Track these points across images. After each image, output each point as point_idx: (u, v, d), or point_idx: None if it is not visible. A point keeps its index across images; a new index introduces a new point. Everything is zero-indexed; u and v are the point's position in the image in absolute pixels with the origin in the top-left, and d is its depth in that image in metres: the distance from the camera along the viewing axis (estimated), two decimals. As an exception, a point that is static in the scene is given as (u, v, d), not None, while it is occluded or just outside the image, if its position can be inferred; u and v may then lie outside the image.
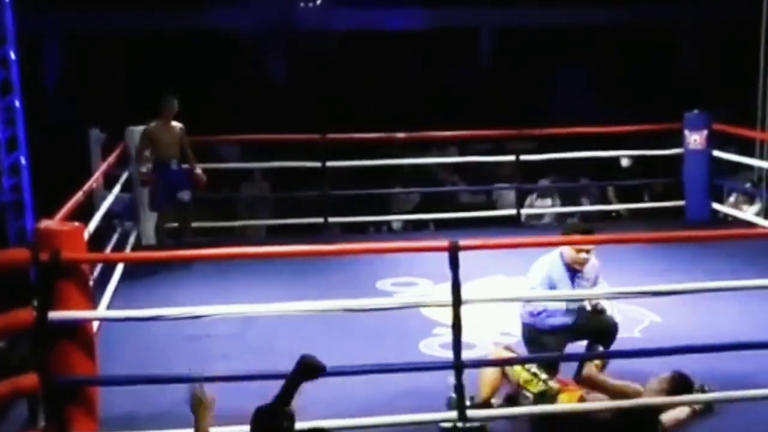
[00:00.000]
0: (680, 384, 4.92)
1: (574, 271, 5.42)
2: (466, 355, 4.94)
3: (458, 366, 4.80)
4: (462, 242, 4.76)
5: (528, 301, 5.42)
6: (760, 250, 7.64)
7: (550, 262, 5.44)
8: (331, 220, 9.44)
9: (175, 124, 8.33)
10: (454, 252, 4.70)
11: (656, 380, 4.94)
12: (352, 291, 7.26)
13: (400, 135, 9.97)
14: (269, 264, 7.57)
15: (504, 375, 5.02)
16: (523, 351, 5.35)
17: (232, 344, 6.09)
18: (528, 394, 4.93)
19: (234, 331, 6.12)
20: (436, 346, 6.08)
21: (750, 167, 10.12)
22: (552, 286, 5.35)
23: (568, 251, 5.40)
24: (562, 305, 5.32)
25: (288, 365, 5.24)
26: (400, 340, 6.14)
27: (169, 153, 8.25)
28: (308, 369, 3.51)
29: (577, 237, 5.49)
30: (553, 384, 4.93)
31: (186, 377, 5.03)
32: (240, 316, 5.42)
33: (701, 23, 16.93)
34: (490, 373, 5.02)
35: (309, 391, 5.13)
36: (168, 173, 8.22)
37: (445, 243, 4.77)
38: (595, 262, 5.52)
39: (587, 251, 5.40)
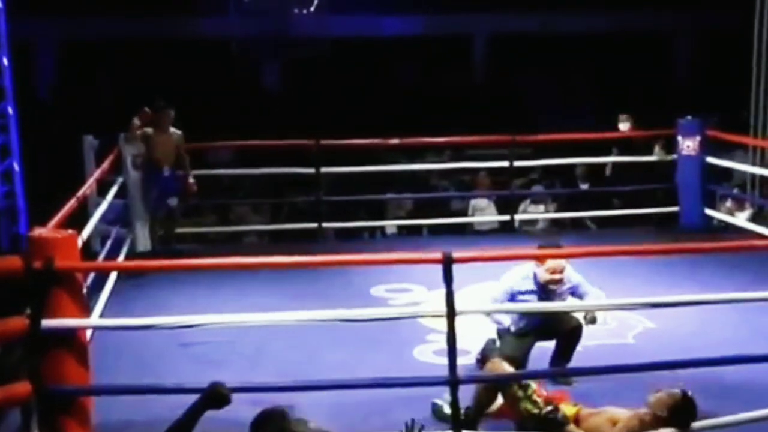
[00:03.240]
0: (687, 406, 4.58)
1: (546, 292, 5.47)
2: (461, 361, 4.91)
3: (454, 382, 4.75)
4: (455, 254, 4.72)
5: (515, 312, 5.50)
6: (754, 257, 7.64)
7: (521, 276, 5.51)
8: (325, 225, 9.44)
9: (174, 131, 8.38)
10: (447, 264, 4.66)
11: (666, 394, 4.58)
12: (346, 298, 7.25)
13: (394, 141, 9.98)
14: (263, 271, 7.56)
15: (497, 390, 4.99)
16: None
17: (226, 352, 6.07)
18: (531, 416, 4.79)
19: (228, 339, 6.09)
20: (430, 353, 6.07)
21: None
22: (513, 301, 5.48)
23: (542, 273, 5.44)
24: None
25: (281, 373, 5.27)
26: (394, 347, 6.13)
27: (163, 160, 8.30)
28: (215, 397, 3.50)
29: (554, 251, 5.45)
30: (550, 407, 4.78)
31: (179, 388, 5.03)
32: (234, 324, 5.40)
33: (694, 31, 16.98)
34: (484, 390, 4.97)
35: (302, 396, 5.16)
36: (159, 179, 8.29)
37: (438, 255, 4.73)
38: (568, 273, 5.53)
39: (561, 271, 5.43)
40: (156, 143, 8.28)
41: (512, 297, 5.51)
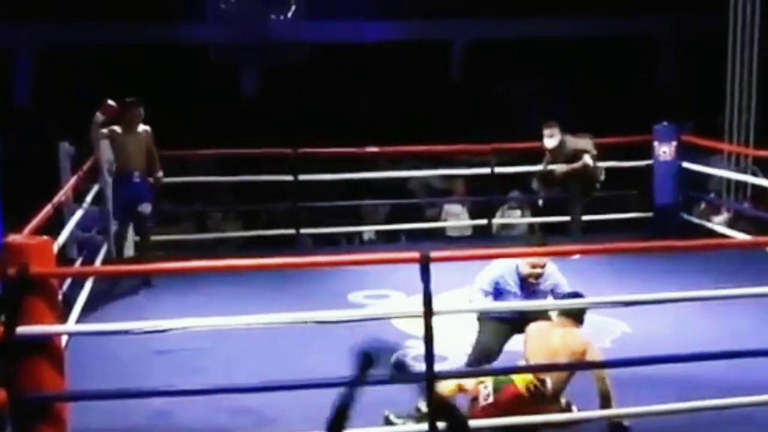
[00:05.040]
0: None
1: (527, 286, 5.51)
2: (438, 367, 4.93)
3: (430, 379, 4.78)
4: (433, 254, 4.76)
5: (492, 311, 5.51)
6: (731, 260, 7.70)
7: (504, 268, 5.53)
8: (303, 231, 9.44)
9: (142, 128, 7.94)
10: (425, 263, 4.70)
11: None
12: (324, 304, 7.23)
13: (373, 149, 9.98)
14: (241, 277, 7.53)
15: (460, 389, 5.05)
16: None
17: (204, 358, 6.06)
18: (486, 388, 4.95)
19: (205, 345, 6.09)
20: (409, 359, 6.07)
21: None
22: (498, 291, 5.49)
23: (523, 266, 5.48)
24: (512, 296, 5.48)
25: (259, 378, 5.25)
26: (372, 353, 6.12)
27: (132, 163, 7.89)
28: (368, 363, 3.45)
29: (538, 249, 5.53)
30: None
31: (152, 392, 5.01)
32: (211, 329, 5.39)
33: (676, 36, 17.08)
34: (445, 385, 5.02)
35: (279, 402, 5.15)
36: (129, 186, 7.93)
37: (416, 254, 4.77)
38: (551, 271, 5.57)
39: (542, 266, 5.47)
40: (124, 144, 7.84)
41: (497, 285, 5.51)
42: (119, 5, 15.30)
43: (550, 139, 8.88)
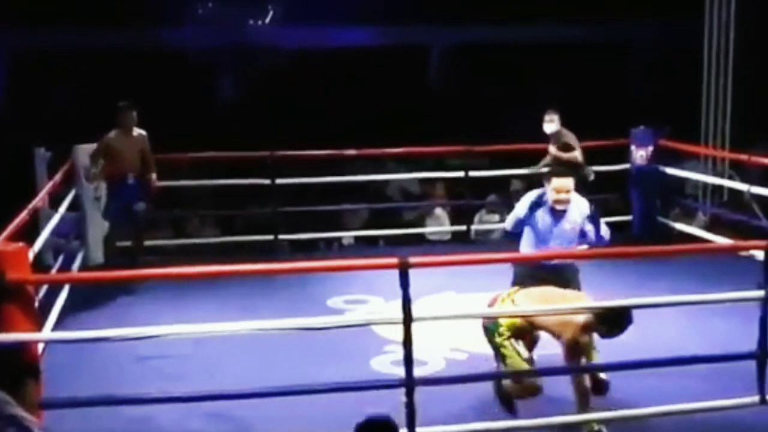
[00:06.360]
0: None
1: (555, 212, 5.61)
2: (418, 372, 4.93)
3: (409, 385, 4.78)
4: (412, 259, 4.76)
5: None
6: (712, 263, 7.73)
7: (536, 194, 5.65)
8: (281, 237, 9.42)
9: (137, 132, 8.03)
10: (404, 269, 4.69)
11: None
12: (303, 309, 7.23)
13: (351, 152, 9.98)
14: (220, 283, 7.51)
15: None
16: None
17: (185, 364, 6.02)
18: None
19: (186, 351, 6.05)
20: (388, 364, 6.07)
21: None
22: (533, 211, 5.58)
23: (549, 192, 5.60)
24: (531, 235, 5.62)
25: (240, 384, 5.23)
26: (351, 358, 6.12)
27: (127, 167, 7.97)
28: None
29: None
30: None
31: (129, 399, 4.98)
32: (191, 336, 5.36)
33: (653, 42, 17.17)
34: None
35: (258, 409, 5.13)
36: (123, 188, 8.00)
37: (394, 260, 4.76)
38: (582, 205, 5.66)
39: (567, 191, 5.57)
40: (120, 149, 7.92)
41: (531, 209, 5.59)
42: (96, 10, 15.21)
43: (549, 125, 9.01)
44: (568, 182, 5.61)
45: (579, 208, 5.69)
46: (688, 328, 6.59)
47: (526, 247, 5.71)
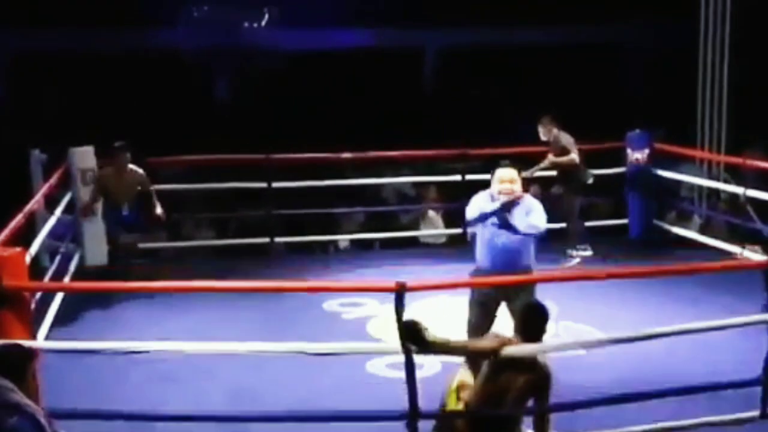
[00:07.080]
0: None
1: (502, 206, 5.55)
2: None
3: (413, 416, 4.67)
4: (409, 283, 4.68)
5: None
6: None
7: (482, 196, 5.64)
8: (277, 240, 9.41)
9: (133, 171, 8.16)
10: (400, 293, 4.59)
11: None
12: (299, 312, 7.25)
13: (346, 155, 9.97)
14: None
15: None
16: None
17: (181, 366, 6.01)
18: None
19: (180, 356, 6.03)
20: (383, 366, 6.07)
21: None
22: (482, 216, 5.55)
23: (494, 184, 5.59)
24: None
25: (235, 389, 5.23)
26: (347, 361, 6.09)
27: (121, 201, 8.14)
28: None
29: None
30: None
31: (128, 414, 4.97)
32: (185, 343, 5.36)
33: (649, 44, 17.18)
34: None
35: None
36: (117, 216, 8.13)
37: (392, 283, 4.66)
38: (529, 200, 5.62)
39: (510, 181, 5.53)
40: (114, 185, 8.12)
41: (480, 213, 5.57)
42: (91, 11, 15.19)
43: (544, 133, 9.05)
44: (510, 172, 5.57)
45: (527, 205, 5.61)
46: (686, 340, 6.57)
47: (479, 245, 5.65)
